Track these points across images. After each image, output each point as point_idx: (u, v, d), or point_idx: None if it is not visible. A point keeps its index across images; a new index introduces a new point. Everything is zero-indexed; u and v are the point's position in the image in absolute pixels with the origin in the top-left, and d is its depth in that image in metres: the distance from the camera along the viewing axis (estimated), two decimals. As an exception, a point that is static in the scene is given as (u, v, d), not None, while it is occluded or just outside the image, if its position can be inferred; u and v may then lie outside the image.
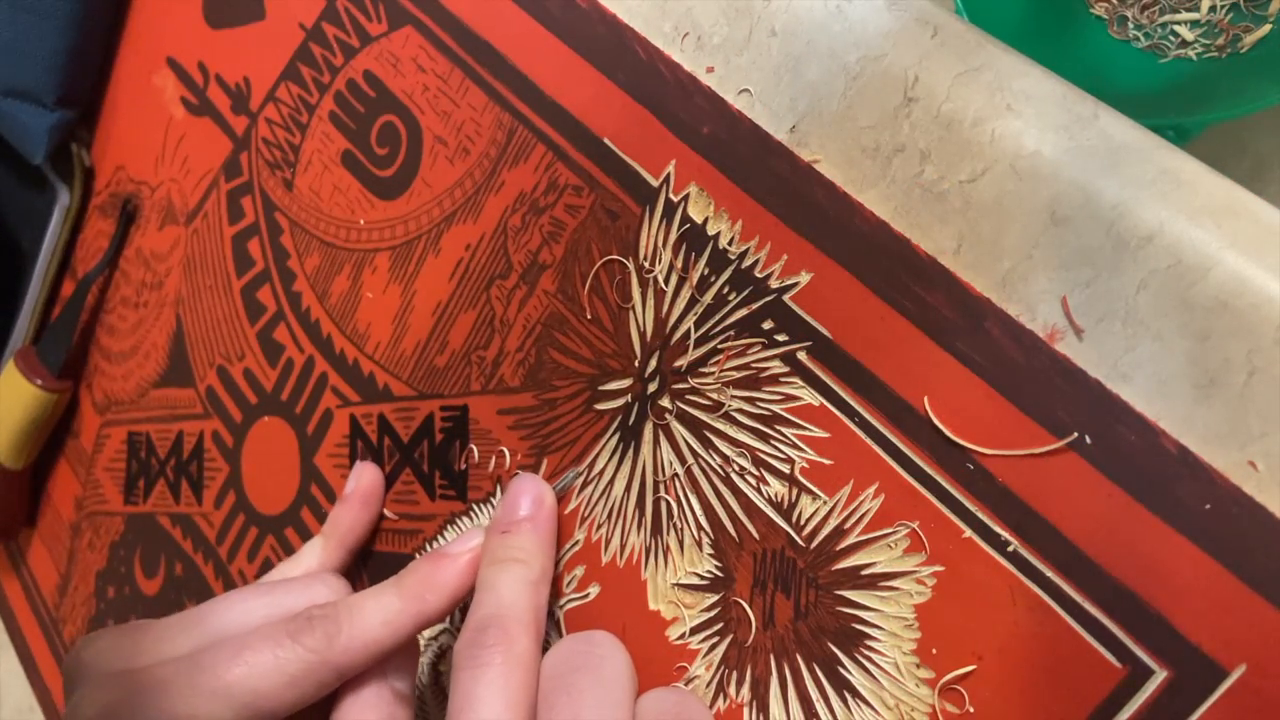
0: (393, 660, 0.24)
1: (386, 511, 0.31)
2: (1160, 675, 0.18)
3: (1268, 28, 0.35)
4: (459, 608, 0.27)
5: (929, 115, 0.21)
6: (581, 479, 0.26)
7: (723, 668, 0.23)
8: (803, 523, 0.22)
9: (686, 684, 0.23)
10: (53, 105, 0.41)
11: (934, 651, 0.20)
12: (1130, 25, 0.39)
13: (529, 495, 0.25)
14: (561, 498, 0.26)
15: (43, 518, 0.46)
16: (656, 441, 0.25)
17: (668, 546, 0.24)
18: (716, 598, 0.23)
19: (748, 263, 0.23)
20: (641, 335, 0.25)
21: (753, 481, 0.23)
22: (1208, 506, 0.17)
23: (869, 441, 0.21)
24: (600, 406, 0.26)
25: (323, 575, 0.27)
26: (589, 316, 0.26)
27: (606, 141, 0.26)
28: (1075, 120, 0.20)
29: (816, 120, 0.23)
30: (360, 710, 0.24)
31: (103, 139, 0.44)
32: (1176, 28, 0.38)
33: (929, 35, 0.22)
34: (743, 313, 0.23)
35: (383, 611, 0.24)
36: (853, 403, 0.21)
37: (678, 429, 0.24)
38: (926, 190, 0.21)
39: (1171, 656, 0.18)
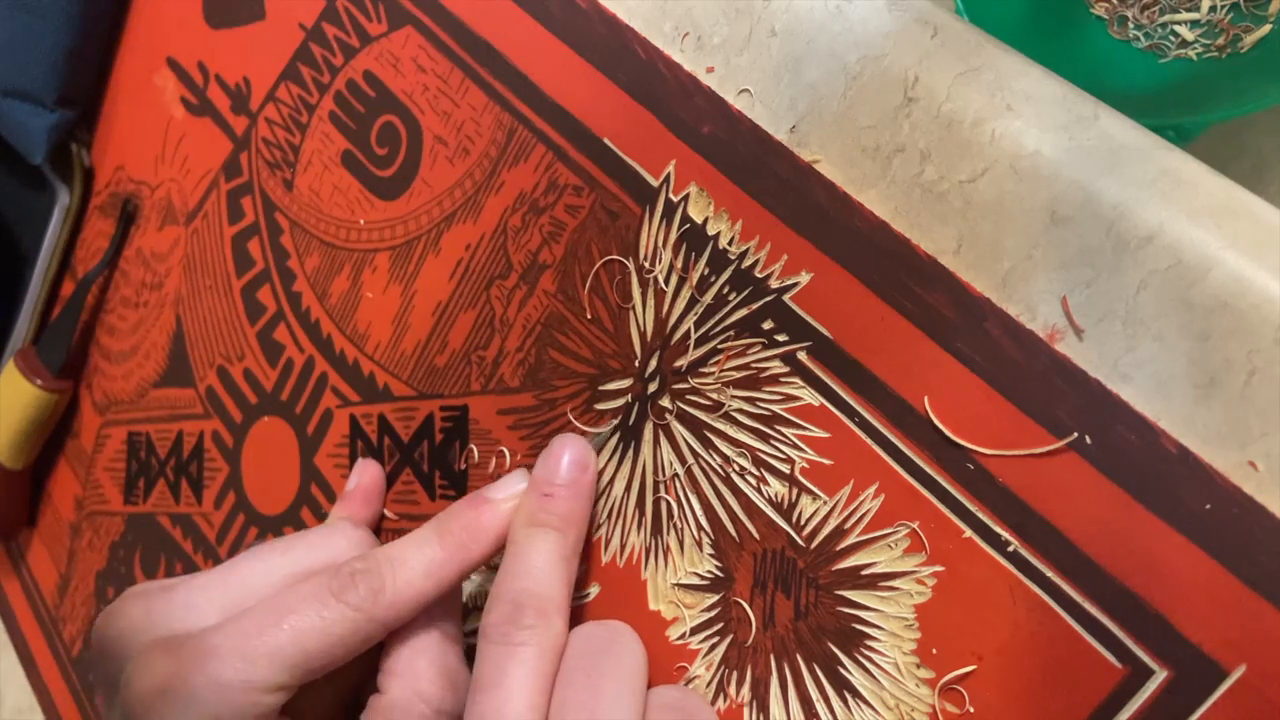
0: (438, 603, 0.24)
1: (386, 511, 0.31)
2: (1160, 675, 0.18)
3: (1268, 28, 0.35)
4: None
5: (929, 115, 0.21)
6: (617, 435, 0.25)
7: (723, 668, 0.23)
8: (803, 523, 0.22)
9: (687, 684, 0.23)
10: (52, 105, 0.41)
11: (934, 651, 0.20)
12: (1130, 25, 0.39)
13: (572, 456, 0.24)
14: (597, 452, 0.26)
15: (43, 518, 0.46)
16: (656, 441, 0.25)
17: (668, 546, 0.24)
18: (717, 598, 0.23)
19: (748, 263, 0.23)
20: (641, 335, 0.25)
21: (753, 481, 0.23)
22: (1208, 506, 0.17)
23: (869, 441, 0.21)
24: (600, 406, 0.26)
25: (340, 526, 0.27)
26: (589, 316, 0.26)
27: (606, 141, 0.26)
28: (1075, 120, 0.20)
29: (816, 120, 0.23)
30: (411, 656, 0.24)
31: (103, 139, 0.44)
32: (1176, 28, 0.38)
33: (929, 35, 0.22)
34: (743, 313, 0.23)
35: (426, 562, 0.24)
36: (853, 403, 0.21)
37: (678, 429, 0.24)
38: (926, 190, 0.21)
39: (1171, 656, 0.18)
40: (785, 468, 0.22)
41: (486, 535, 0.24)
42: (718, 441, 0.23)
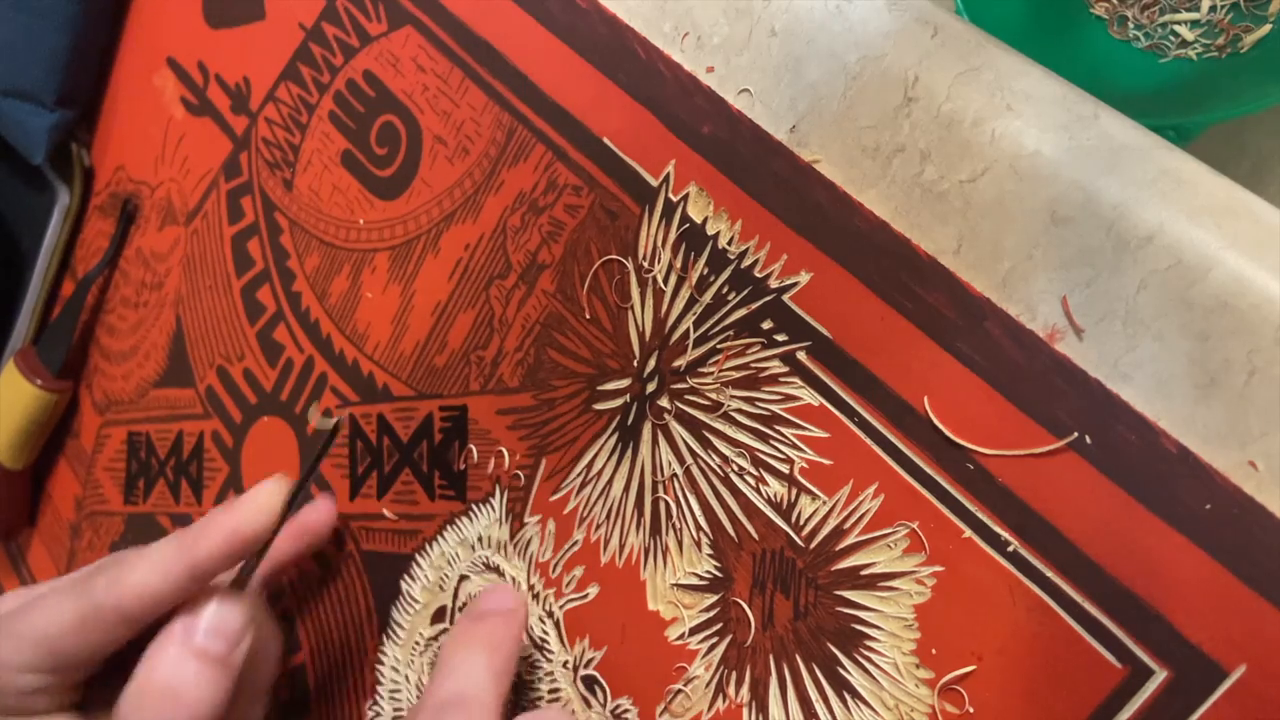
0: (208, 617, 0.24)
1: (386, 511, 0.31)
2: (1160, 675, 0.18)
3: (1268, 28, 0.35)
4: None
5: (929, 115, 0.21)
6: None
7: (722, 668, 0.23)
8: (802, 523, 0.22)
9: (686, 684, 0.23)
10: (52, 105, 0.41)
11: (934, 652, 0.20)
12: (1130, 25, 0.39)
13: (504, 596, 0.25)
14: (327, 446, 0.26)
15: (43, 518, 0.46)
16: (655, 442, 0.25)
17: (667, 547, 0.24)
18: (716, 598, 0.23)
19: (747, 262, 0.23)
20: (640, 335, 0.25)
21: (752, 482, 0.23)
22: (1208, 506, 0.17)
23: (869, 441, 0.21)
24: (599, 406, 0.26)
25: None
26: (588, 316, 0.26)
27: (606, 141, 0.26)
28: (1075, 120, 0.20)
29: (816, 120, 0.23)
30: (155, 668, 0.23)
31: (103, 139, 0.44)
32: (1176, 28, 0.38)
33: (929, 35, 0.22)
34: (742, 312, 0.23)
35: (159, 557, 0.24)
36: (852, 403, 0.21)
37: (676, 429, 0.24)
38: (926, 190, 0.21)
39: (1171, 656, 0.18)
40: (784, 468, 0.22)
41: (217, 530, 0.24)
42: (716, 441, 0.23)
